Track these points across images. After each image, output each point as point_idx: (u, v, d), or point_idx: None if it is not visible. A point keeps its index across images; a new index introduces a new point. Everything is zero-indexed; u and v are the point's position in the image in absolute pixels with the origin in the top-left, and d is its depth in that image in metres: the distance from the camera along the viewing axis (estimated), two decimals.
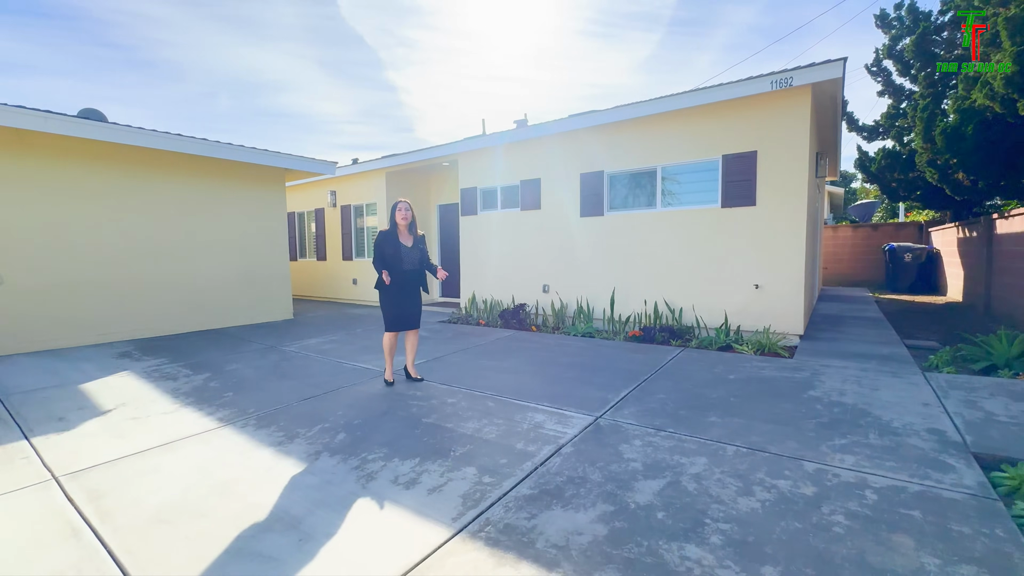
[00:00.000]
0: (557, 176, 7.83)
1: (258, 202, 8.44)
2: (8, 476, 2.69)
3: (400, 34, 32.10)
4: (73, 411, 3.78)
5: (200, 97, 45.74)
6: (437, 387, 4.32)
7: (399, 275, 4.30)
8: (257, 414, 3.67)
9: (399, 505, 2.34)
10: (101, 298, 6.63)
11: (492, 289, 8.77)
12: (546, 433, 3.21)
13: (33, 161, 6.05)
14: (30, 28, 35.78)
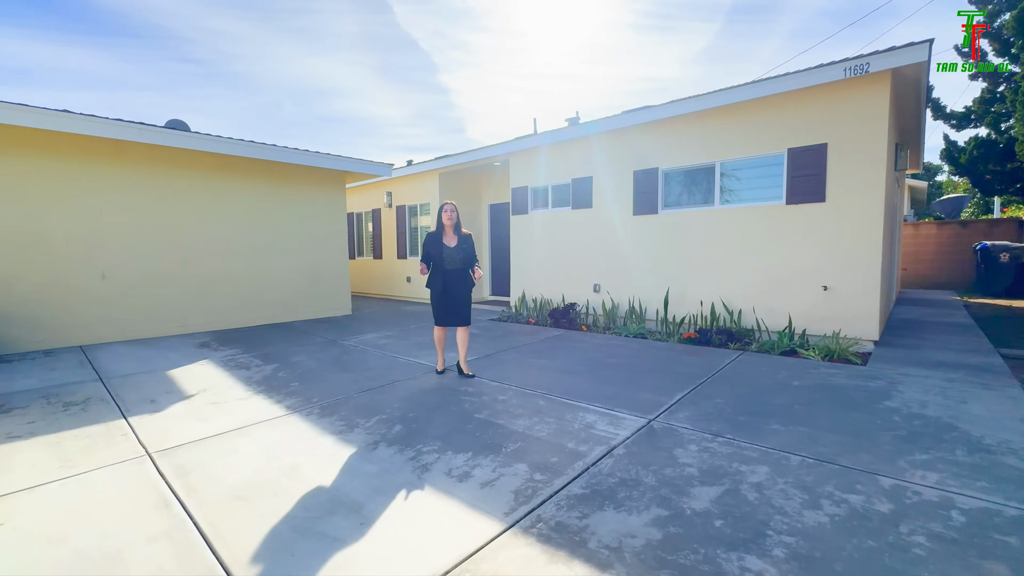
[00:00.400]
0: (609, 174, 7.71)
1: (320, 203, 8.91)
2: (111, 451, 3.01)
3: (453, 37, 32.84)
4: (162, 394, 4.17)
5: (267, 105, 49.10)
6: (488, 384, 4.39)
7: (443, 274, 4.46)
8: (320, 404, 3.89)
9: (453, 497, 2.41)
10: (183, 293, 7.25)
11: (542, 288, 8.77)
12: (597, 434, 3.19)
13: (128, 169, 6.71)
14: (122, 47, 39.76)
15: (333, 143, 44.05)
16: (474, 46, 40.22)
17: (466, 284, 4.59)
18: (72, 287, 6.27)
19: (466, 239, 4.59)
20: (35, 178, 5.97)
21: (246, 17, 30.51)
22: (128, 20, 30.70)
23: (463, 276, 4.55)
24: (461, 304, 4.56)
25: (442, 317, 4.58)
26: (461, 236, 4.57)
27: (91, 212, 6.39)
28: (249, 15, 30.22)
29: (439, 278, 4.48)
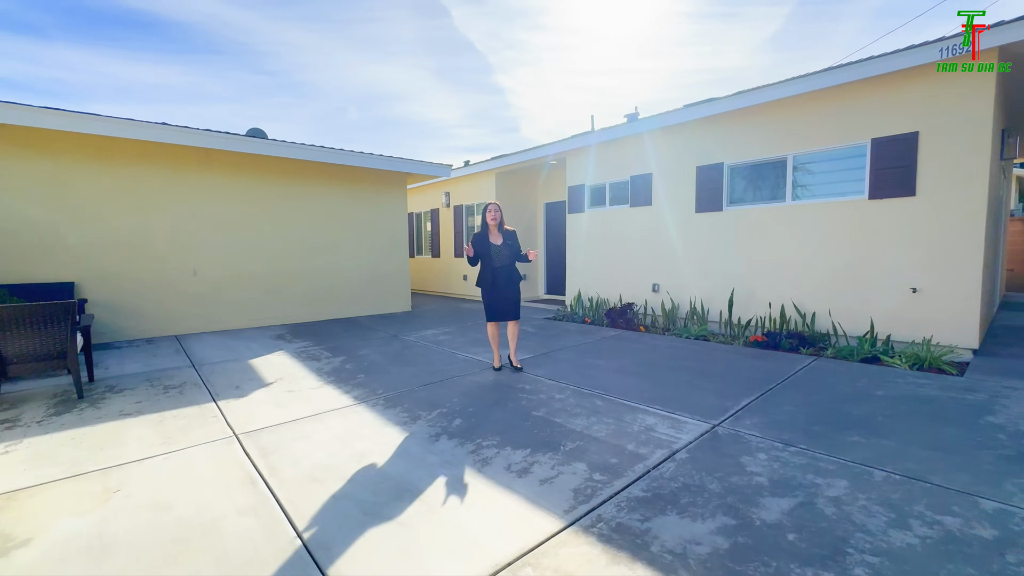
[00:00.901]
0: (669, 170, 7.47)
1: (384, 204, 9.31)
2: (205, 431, 3.32)
3: (508, 37, 33.06)
4: (246, 381, 4.54)
5: (333, 111, 51.93)
6: (545, 382, 4.41)
7: (491, 271, 4.64)
8: (385, 395, 4.08)
9: (512, 491, 2.45)
10: (262, 289, 7.84)
11: (598, 287, 8.66)
12: (658, 437, 3.11)
13: (216, 175, 7.34)
14: (208, 64, 43.50)
15: (393, 145, 45.99)
16: (530, 45, 40.27)
17: (514, 279, 4.74)
18: (169, 283, 6.97)
19: (510, 235, 4.75)
20: (140, 185, 6.68)
21: (315, 29, 32.35)
22: (214, 38, 33.73)
23: (511, 272, 4.71)
24: (510, 299, 4.73)
25: (493, 312, 4.75)
26: (505, 233, 4.73)
27: (185, 215, 7.06)
28: (318, 27, 32.02)
29: (488, 275, 4.67)
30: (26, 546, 2.03)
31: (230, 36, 36.36)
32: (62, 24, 32.51)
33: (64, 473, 2.70)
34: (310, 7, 27.19)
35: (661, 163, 7.60)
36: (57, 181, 6.09)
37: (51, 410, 3.73)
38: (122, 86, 50.87)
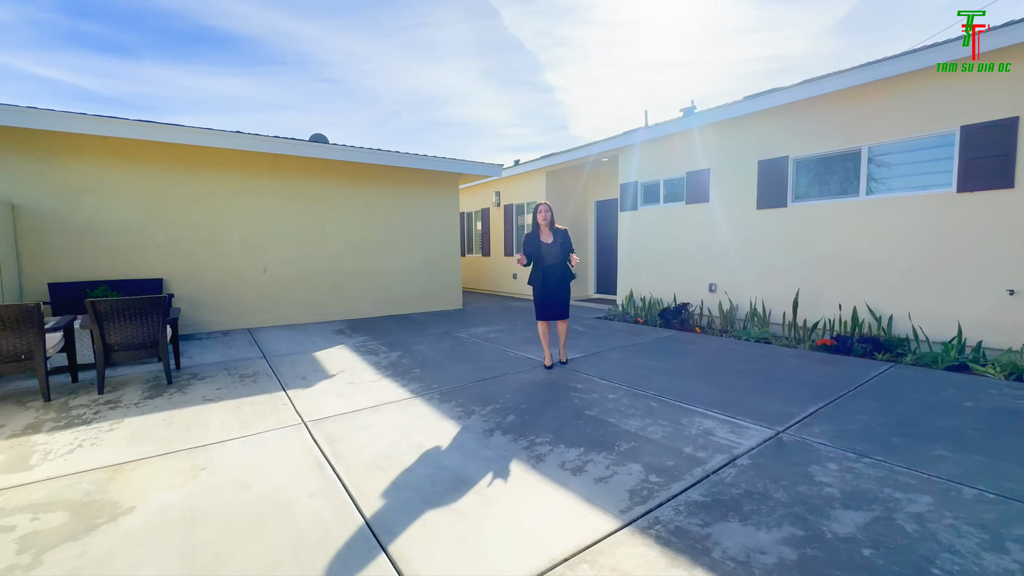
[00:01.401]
0: (729, 165, 7.17)
1: (437, 204, 9.55)
2: (277, 417, 3.57)
3: (557, 34, 32.77)
4: (311, 372, 4.82)
5: (387, 116, 53.72)
6: (597, 382, 4.37)
7: (542, 270, 4.70)
8: (440, 390, 4.20)
9: (567, 489, 2.46)
10: (323, 286, 8.27)
11: (651, 287, 8.46)
12: (717, 441, 3.01)
13: (284, 179, 7.82)
14: (275, 74, 46.36)
15: (444, 147, 47.05)
16: (579, 41, 39.71)
17: (565, 278, 4.76)
18: (242, 280, 7.51)
19: (561, 234, 4.74)
20: (218, 190, 7.24)
21: (370, 36, 33.64)
22: (280, 50, 35.89)
23: (562, 270, 4.72)
24: (560, 298, 4.76)
25: (543, 311, 4.81)
26: (556, 232, 4.74)
27: (256, 217, 7.57)
28: (373, 34, 33.28)
29: (539, 274, 4.74)
30: (131, 514, 2.27)
31: (294, 47, 38.54)
32: (150, 43, 35.77)
33: (158, 450, 2.99)
34: (366, 16, 28.30)
35: (719, 158, 7.31)
36: (149, 187, 6.73)
37: (145, 393, 4.13)
38: (200, 98, 55.24)
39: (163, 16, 31.33)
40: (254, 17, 26.10)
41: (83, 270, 6.31)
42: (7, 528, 2.16)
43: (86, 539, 2.07)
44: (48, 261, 6.10)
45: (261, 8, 24.90)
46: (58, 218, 6.14)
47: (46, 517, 2.25)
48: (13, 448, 3.03)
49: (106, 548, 2.01)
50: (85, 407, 3.80)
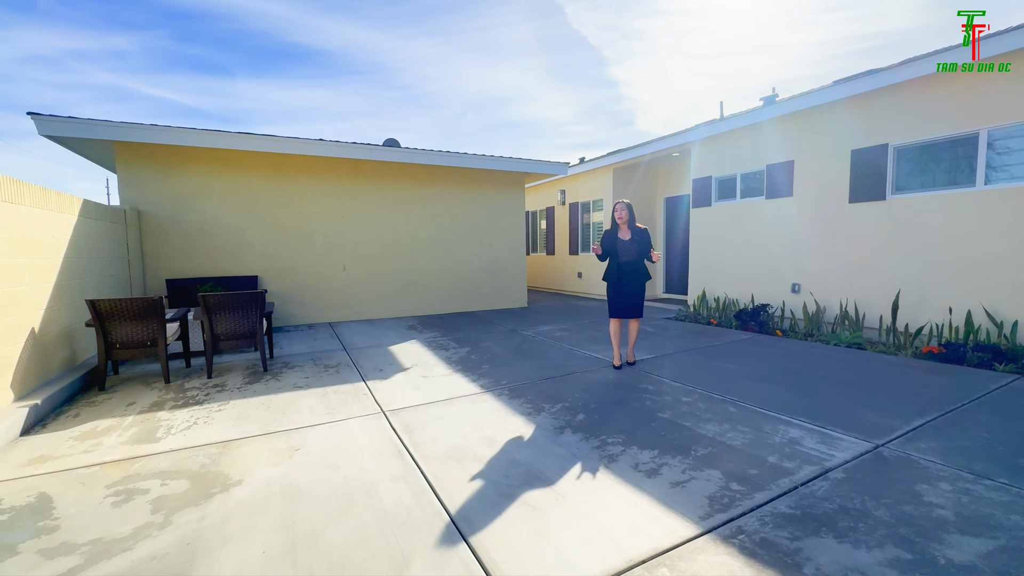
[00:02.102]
0: (816, 156, 6.65)
1: (503, 204, 9.69)
2: (358, 406, 3.81)
3: (623, 27, 31.97)
4: (386, 365, 5.09)
5: (452, 118, 55.05)
6: (669, 384, 4.24)
7: (618, 267, 4.67)
8: (509, 386, 4.27)
9: (641, 490, 2.41)
10: (398, 283, 8.68)
11: (726, 286, 8.04)
12: (805, 451, 2.82)
13: (362, 182, 8.30)
14: (351, 84, 49.29)
15: (507, 147, 47.39)
16: (646, 33, 38.45)
17: (640, 276, 4.67)
18: (325, 277, 8.06)
19: (639, 232, 4.68)
20: (305, 192, 7.83)
21: (437, 43, 34.78)
22: (353, 61, 38.04)
23: (638, 268, 4.65)
24: (634, 296, 4.69)
25: (616, 309, 4.76)
26: (635, 230, 4.68)
27: (338, 218, 8.10)
28: (440, 40, 34.38)
29: (614, 271, 4.71)
30: (239, 486, 2.54)
31: (366, 57, 40.78)
32: (242, 63, 39.44)
33: (259, 431, 3.30)
34: (433, 23, 29.29)
35: (805, 149, 6.79)
36: (247, 193, 7.42)
37: (246, 379, 4.57)
38: (284, 110, 59.99)
39: (254, 36, 34.46)
40: (332, 31, 27.89)
41: (193, 267, 7.09)
42: (143, 491, 2.49)
43: (205, 505, 2.34)
44: (165, 259, 6.92)
45: (339, 22, 26.59)
46: (173, 221, 6.94)
47: (172, 483, 2.57)
48: (143, 423, 3.47)
49: (221, 514, 2.25)
50: (197, 389, 4.27)
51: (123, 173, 6.65)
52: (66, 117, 5.86)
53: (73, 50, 51.72)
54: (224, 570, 1.86)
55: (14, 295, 3.63)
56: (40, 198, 4.10)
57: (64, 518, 2.24)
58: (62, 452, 2.98)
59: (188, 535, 2.09)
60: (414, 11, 33.41)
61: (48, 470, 2.74)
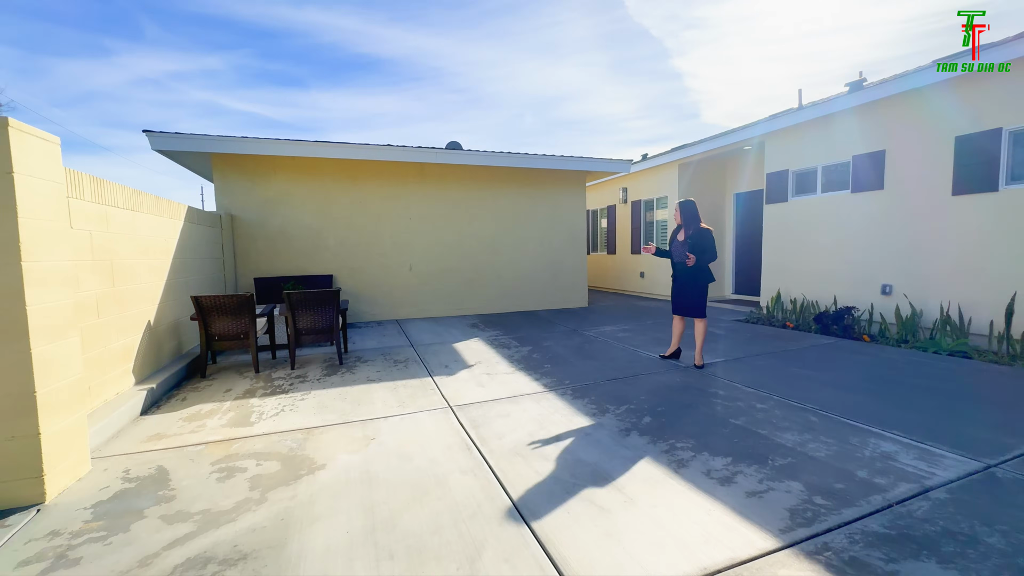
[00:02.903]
0: (912, 144, 6.04)
1: (563, 203, 9.65)
2: (427, 400, 3.97)
3: (687, 16, 30.58)
4: (451, 362, 5.25)
5: (511, 119, 55.53)
6: (742, 390, 4.04)
7: (673, 267, 4.89)
8: (572, 386, 4.26)
9: (714, 498, 2.33)
10: (461, 282, 8.91)
11: (804, 287, 7.52)
12: (901, 467, 2.59)
13: (427, 185, 8.60)
14: (414, 90, 51.19)
15: (566, 145, 46.80)
16: (711, 20, 36.53)
17: (693, 277, 4.71)
18: (392, 276, 8.45)
19: (695, 234, 4.67)
20: (374, 195, 8.25)
21: (496, 45, 35.23)
22: (416, 67, 39.51)
23: (689, 269, 4.69)
24: (687, 296, 4.77)
25: (674, 307, 4.95)
26: (695, 231, 4.68)
27: (404, 220, 8.46)
28: (498, 42, 34.79)
29: (673, 271, 4.91)
30: (324, 469, 2.74)
31: (428, 63, 42.19)
32: (316, 74, 42.23)
33: (337, 420, 3.53)
34: (492, 25, 29.70)
35: (898, 137, 6.20)
36: (323, 197, 7.93)
37: (324, 372, 4.90)
38: (354, 117, 63.43)
39: (326, 49, 36.81)
40: (396, 39, 29.14)
41: (276, 267, 7.69)
42: (241, 469, 2.76)
43: (295, 485, 2.55)
44: (253, 259, 7.56)
45: (403, 31, 27.72)
46: (260, 225, 7.57)
47: (265, 464, 2.82)
48: (239, 408, 3.83)
49: (310, 494, 2.45)
50: (283, 379, 4.64)
51: (219, 181, 7.35)
52: (173, 133, 6.57)
53: (174, 72, 58.78)
54: (315, 546, 2.02)
55: (135, 292, 4.14)
56: (155, 206, 4.63)
57: (179, 489, 2.53)
58: (174, 431, 3.36)
59: (281, 512, 2.29)
60: (474, 15, 34.28)
61: (164, 446, 3.10)
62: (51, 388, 2.50)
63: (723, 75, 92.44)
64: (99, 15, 54.68)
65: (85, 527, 2.20)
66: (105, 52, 51.32)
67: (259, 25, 61.96)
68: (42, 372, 2.44)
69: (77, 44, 46.98)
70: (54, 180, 2.64)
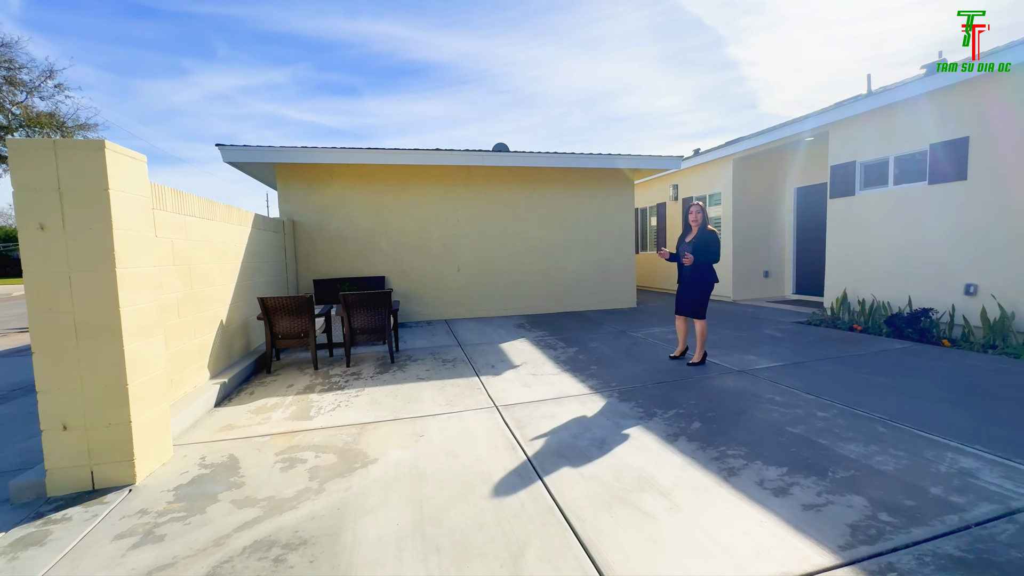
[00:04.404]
0: (1001, 129, 5.47)
1: (611, 201, 9.51)
2: (474, 399, 4.06)
3: (743, 2, 29.00)
4: (498, 362, 5.32)
5: (558, 117, 55.20)
6: (801, 396, 3.83)
7: (679, 268, 4.96)
8: (618, 388, 4.21)
9: (767, 509, 2.24)
10: (508, 283, 9.00)
11: (874, 287, 7.00)
12: (981, 485, 2.37)
13: (473, 187, 8.75)
14: (460, 93, 52.12)
15: (614, 142, 45.90)
16: (769, 4, 34.45)
17: (697, 279, 4.79)
18: (441, 276, 8.66)
19: (701, 235, 4.76)
20: (424, 199, 8.50)
21: (541, 44, 35.18)
22: (462, 70, 40.18)
23: (694, 270, 4.78)
24: (689, 297, 4.85)
25: (677, 306, 5.03)
26: (702, 233, 4.76)
27: (452, 222, 8.65)
28: (544, 41, 34.71)
29: (679, 272, 5.01)
30: (376, 463, 2.87)
31: (474, 66, 42.81)
32: (369, 83, 44.05)
33: (389, 416, 3.68)
34: (538, 24, 29.69)
35: (985, 122, 5.63)
36: (376, 201, 8.27)
37: (377, 369, 5.12)
38: (404, 123, 65.52)
39: (378, 58, 38.33)
40: (444, 44, 29.83)
41: (333, 269, 8.10)
42: (302, 460, 2.95)
43: (349, 477, 2.69)
44: (313, 262, 8.01)
45: (451, 36, 28.33)
46: (318, 229, 8.00)
47: (323, 456, 2.99)
48: (300, 402, 4.09)
49: (363, 487, 2.58)
50: (339, 376, 4.89)
51: (282, 189, 7.84)
52: (241, 146, 7.09)
53: (242, 87, 64.22)
54: (367, 536, 2.13)
55: (210, 294, 4.51)
56: (226, 214, 5.02)
57: (248, 477, 2.75)
58: (243, 423, 3.63)
59: (337, 502, 2.43)
60: (519, 16, 34.49)
61: (234, 436, 3.37)
62: (140, 381, 2.79)
63: (783, 62, 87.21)
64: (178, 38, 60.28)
65: (168, 507, 2.44)
66: (183, 72, 56.88)
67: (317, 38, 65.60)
68: (133, 367, 2.73)
69: (159, 66, 52.43)
70: (142, 194, 2.94)
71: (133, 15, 31.65)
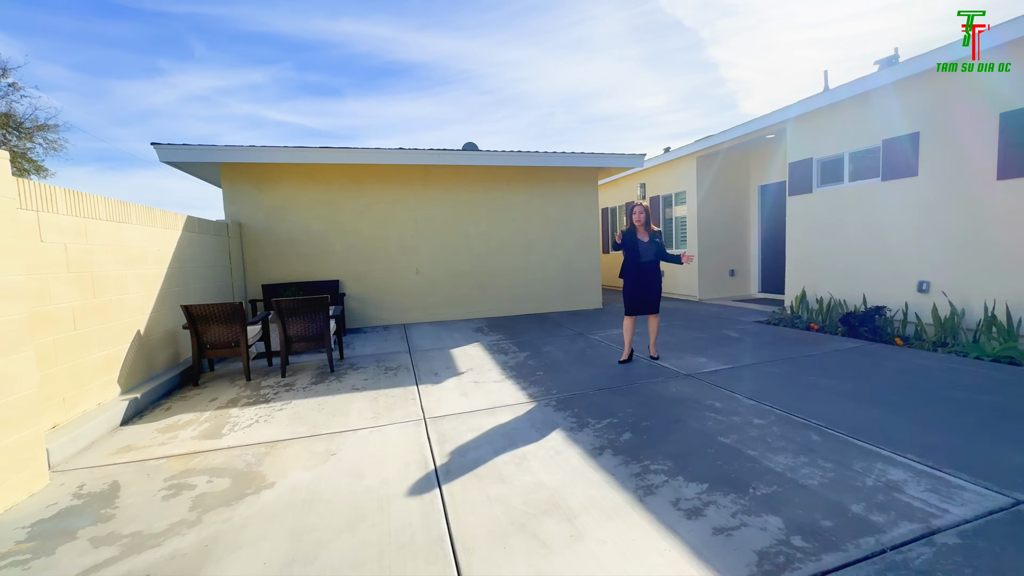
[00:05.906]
0: (950, 124, 5.44)
1: (575, 202, 9.34)
2: (404, 411, 3.82)
3: (721, 4, 29.36)
4: (442, 369, 5.09)
5: (542, 118, 55.37)
6: (743, 402, 3.68)
7: (637, 267, 4.88)
8: (558, 396, 4.02)
9: (675, 535, 2.05)
10: (468, 285, 8.77)
11: (831, 285, 6.95)
12: (905, 500, 2.22)
13: (433, 188, 8.49)
14: (443, 94, 51.79)
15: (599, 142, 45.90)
16: (749, 7, 35.08)
17: (657, 276, 4.93)
18: (399, 280, 8.39)
19: (656, 234, 4.96)
20: (380, 199, 8.22)
21: (525, 45, 35.09)
22: (446, 71, 39.98)
23: (655, 268, 4.91)
24: (652, 294, 4.91)
25: (633, 307, 4.93)
26: (652, 232, 4.93)
27: (410, 223, 8.39)
28: (528, 42, 34.63)
29: (633, 271, 4.90)
30: (270, 488, 2.62)
31: (458, 66, 42.47)
32: (352, 84, 43.35)
33: (307, 432, 3.43)
34: (522, 25, 29.58)
35: (933, 118, 5.59)
36: (329, 202, 7.96)
37: (312, 380, 4.85)
38: (388, 123, 64.89)
39: (360, 58, 37.65)
40: (427, 45, 29.48)
41: (285, 273, 7.78)
42: (190, 487, 2.68)
43: (234, 506, 2.44)
44: (263, 266, 7.67)
45: (433, 36, 28.02)
46: (267, 232, 7.67)
47: (217, 481, 2.73)
48: (216, 418, 3.80)
49: (244, 518, 2.33)
50: (270, 388, 4.61)
51: (227, 189, 7.49)
52: (181, 144, 6.73)
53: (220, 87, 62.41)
54: None
55: (121, 302, 4.19)
56: (145, 216, 4.70)
57: (121, 508, 2.47)
58: (144, 443, 3.34)
59: (208, 537, 2.18)
60: (503, 16, 34.20)
61: (128, 459, 3.08)
62: (1, 403, 2.49)
63: (762, 63, 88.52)
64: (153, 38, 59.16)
65: (14, 548, 2.16)
66: (159, 72, 55.36)
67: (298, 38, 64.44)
68: None
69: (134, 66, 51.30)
70: (1, 194, 2.64)
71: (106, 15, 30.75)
